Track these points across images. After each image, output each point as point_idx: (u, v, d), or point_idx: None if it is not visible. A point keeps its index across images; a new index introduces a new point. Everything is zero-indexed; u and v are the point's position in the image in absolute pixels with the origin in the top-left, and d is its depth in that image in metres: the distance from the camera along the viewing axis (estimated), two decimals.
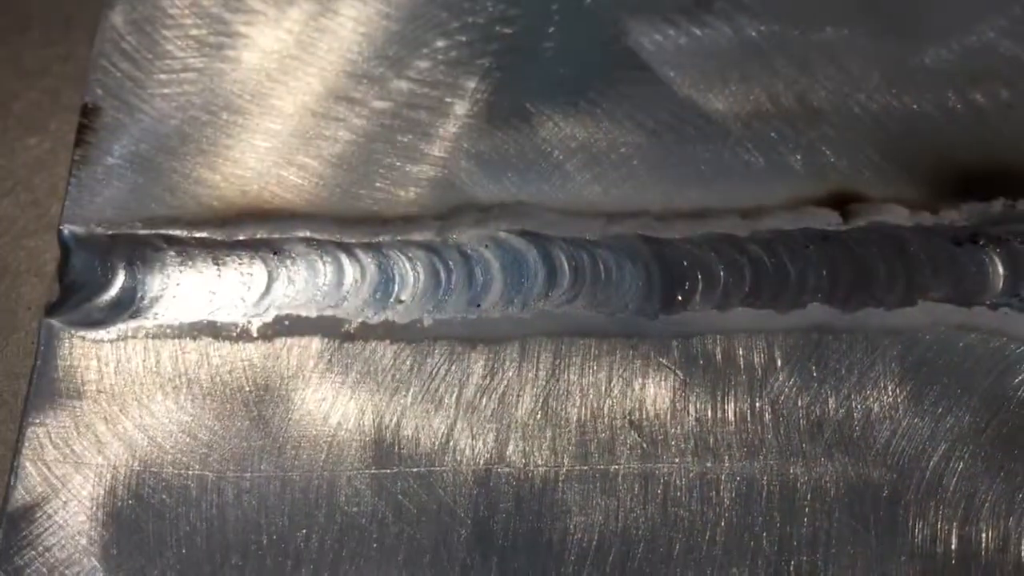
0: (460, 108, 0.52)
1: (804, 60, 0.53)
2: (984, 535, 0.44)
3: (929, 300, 0.48)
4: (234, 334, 0.48)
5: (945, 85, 0.52)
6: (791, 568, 0.44)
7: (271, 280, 0.48)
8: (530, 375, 0.47)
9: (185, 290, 0.48)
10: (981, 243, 0.49)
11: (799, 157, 0.51)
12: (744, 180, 0.50)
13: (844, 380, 0.47)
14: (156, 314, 0.48)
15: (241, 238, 0.49)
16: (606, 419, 0.47)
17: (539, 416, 0.46)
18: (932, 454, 0.45)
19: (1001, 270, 0.48)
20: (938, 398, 0.46)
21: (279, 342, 0.47)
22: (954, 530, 0.44)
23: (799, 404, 0.46)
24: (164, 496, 0.45)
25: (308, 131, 0.51)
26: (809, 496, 0.45)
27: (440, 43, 0.53)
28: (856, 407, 0.46)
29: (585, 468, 0.46)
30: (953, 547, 0.44)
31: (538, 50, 0.53)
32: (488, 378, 0.47)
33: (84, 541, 0.45)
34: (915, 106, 0.52)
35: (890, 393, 0.47)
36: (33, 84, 0.55)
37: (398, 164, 0.50)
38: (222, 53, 0.53)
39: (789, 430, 0.46)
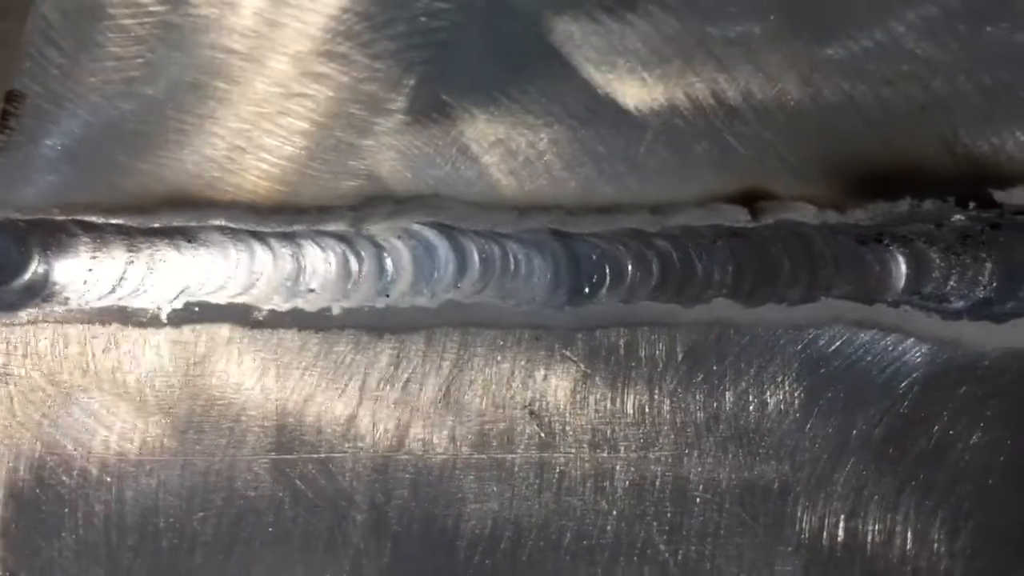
0: (384, 102, 0.53)
1: (721, 57, 0.53)
2: (870, 528, 0.45)
3: (831, 297, 0.49)
4: (143, 320, 0.48)
5: (859, 84, 0.52)
6: (679, 558, 0.44)
7: (183, 267, 0.49)
8: (434, 365, 0.48)
9: (97, 276, 0.49)
10: (885, 242, 0.49)
11: (711, 154, 0.52)
12: (657, 176, 0.51)
13: (742, 374, 0.48)
14: (67, 299, 0.49)
15: (156, 225, 0.49)
16: (507, 409, 0.47)
17: (441, 405, 0.47)
18: (824, 449, 0.46)
19: (904, 269, 0.49)
20: (833, 394, 0.47)
21: (188, 329, 0.48)
22: (841, 523, 0.45)
23: (696, 397, 0.47)
24: (65, 478, 0.46)
25: (232, 123, 0.52)
26: (701, 487, 0.46)
27: (368, 36, 0.54)
28: (752, 401, 0.47)
29: (483, 457, 0.46)
30: (839, 539, 0.45)
31: (460, 45, 0.54)
32: (393, 367, 0.48)
33: None
34: (828, 105, 0.52)
35: (787, 388, 0.47)
36: None
37: (319, 155, 0.51)
38: (152, 45, 0.54)
39: (685, 423, 0.47)
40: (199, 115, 0.52)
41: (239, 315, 0.49)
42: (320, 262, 0.49)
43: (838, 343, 0.48)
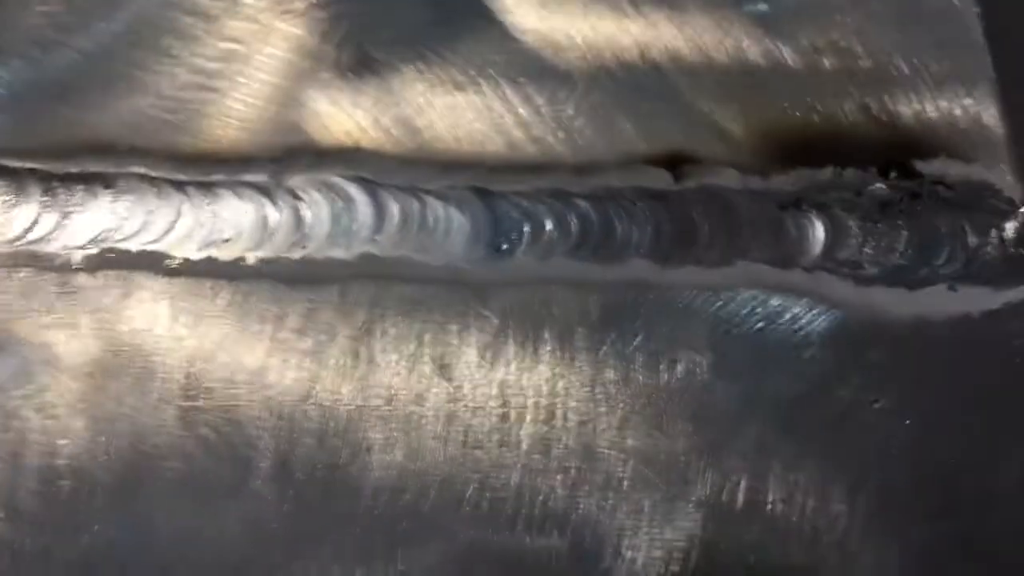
0: (314, 55, 0.52)
1: (650, 18, 0.53)
2: (771, 488, 0.45)
3: (748, 261, 0.49)
4: (56, 264, 0.48)
5: (787, 51, 0.52)
6: (579, 509, 0.45)
7: (99, 214, 0.48)
8: (347, 317, 0.48)
9: (11, 219, 0.48)
10: (804, 208, 0.50)
11: (638, 116, 0.52)
12: (582, 137, 0.51)
13: (654, 335, 0.48)
14: None
15: (74, 171, 0.49)
16: (417, 363, 0.47)
17: (352, 357, 0.47)
18: (730, 410, 0.46)
19: (821, 235, 0.49)
20: (743, 357, 0.47)
21: (100, 275, 0.48)
22: (743, 482, 0.45)
23: (608, 357, 0.47)
24: None
25: (159, 71, 0.52)
26: (606, 444, 0.46)
27: None
28: (663, 361, 0.47)
29: (390, 408, 0.46)
30: (740, 498, 0.45)
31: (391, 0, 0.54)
32: (305, 318, 0.48)
33: None
34: (756, 70, 0.52)
35: (697, 349, 0.48)
36: None
37: (238, 105, 0.51)
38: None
39: (595, 380, 0.47)
40: (128, 64, 0.52)
41: (152, 262, 0.48)
42: (237, 211, 0.49)
43: (751, 306, 0.48)
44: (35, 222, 0.49)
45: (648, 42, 0.53)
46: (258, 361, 0.47)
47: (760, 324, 0.49)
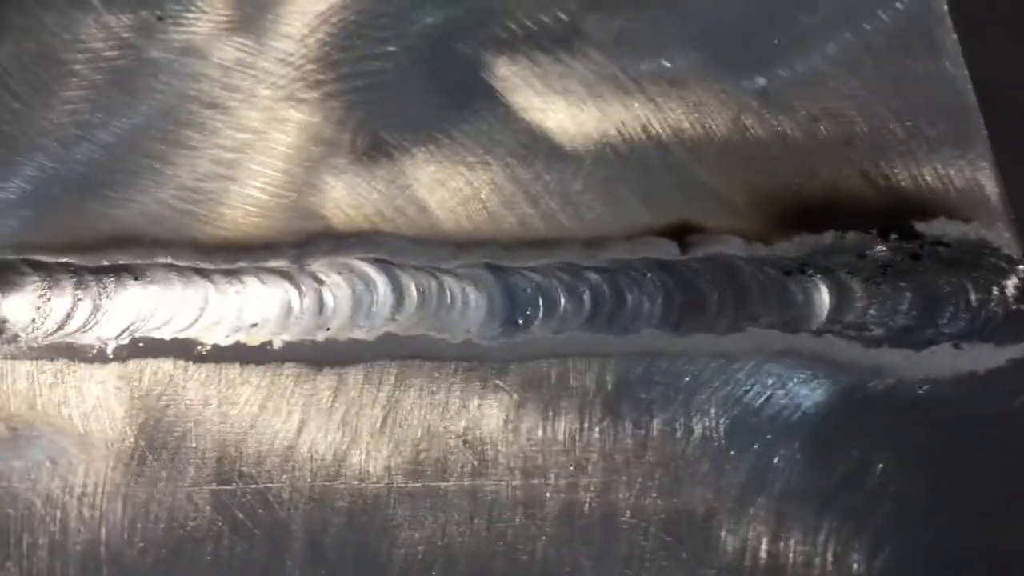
0: (330, 142, 0.54)
1: (653, 94, 0.55)
2: (791, 551, 0.46)
3: (757, 327, 0.50)
4: (90, 355, 0.50)
5: (785, 120, 0.54)
6: None
7: (130, 304, 0.50)
8: (371, 396, 0.49)
9: (45, 313, 0.50)
10: (809, 273, 0.51)
11: (643, 189, 0.53)
12: (590, 211, 0.53)
13: (670, 403, 0.49)
14: (16, 336, 0.50)
15: (104, 263, 0.51)
16: (441, 438, 0.49)
17: (377, 435, 0.49)
18: (747, 474, 0.47)
19: (827, 298, 0.50)
20: (757, 421, 0.49)
21: (133, 364, 0.49)
22: (763, 545, 0.46)
23: (625, 426, 0.49)
24: (10, 510, 0.47)
25: (181, 164, 0.53)
26: (628, 513, 0.47)
27: (320, 77, 0.55)
28: (679, 429, 0.49)
29: (417, 485, 0.48)
30: (762, 562, 0.46)
31: (399, 83, 0.55)
32: (332, 399, 0.49)
33: None
34: (756, 140, 0.54)
35: (712, 415, 0.49)
36: None
37: (257, 193, 0.52)
38: (105, 91, 0.55)
39: (614, 451, 0.48)
40: (150, 157, 0.54)
41: (183, 349, 0.50)
42: (262, 298, 0.51)
43: (762, 371, 0.50)
44: (69, 315, 0.50)
45: (651, 118, 0.55)
46: (288, 442, 0.49)
47: (772, 388, 0.50)
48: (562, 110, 0.54)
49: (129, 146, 0.53)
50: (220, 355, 0.50)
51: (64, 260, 0.51)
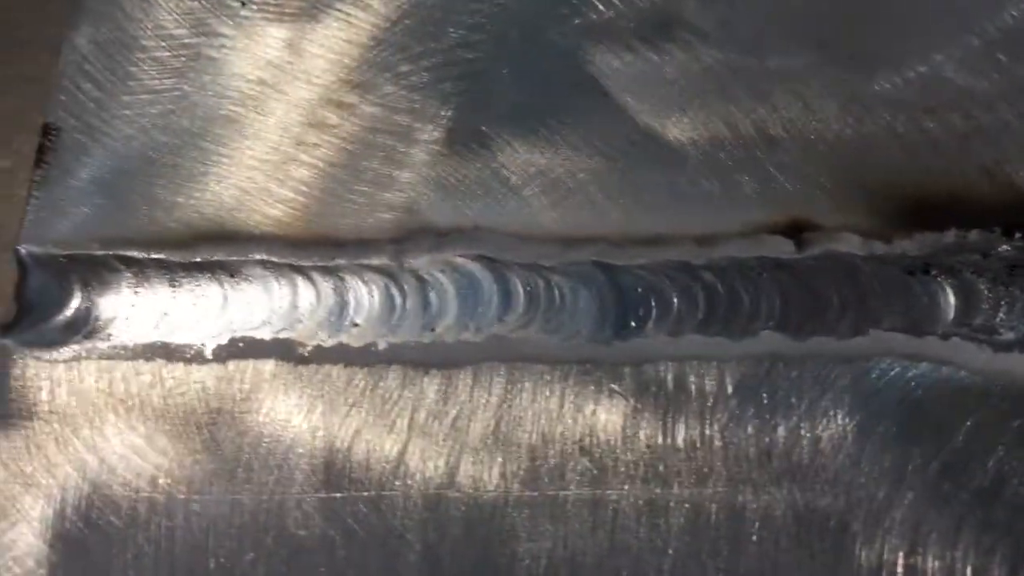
0: (421, 133, 0.52)
1: (762, 88, 0.53)
2: (929, 565, 0.44)
3: (880, 330, 0.48)
4: (188, 356, 0.48)
5: (901, 114, 0.52)
6: None
7: (226, 302, 0.48)
8: (482, 400, 0.47)
9: (140, 311, 0.48)
10: (933, 273, 0.49)
11: (755, 185, 0.51)
12: (700, 207, 0.51)
13: (794, 409, 0.47)
14: (110, 335, 0.48)
15: (197, 260, 0.49)
16: (557, 445, 0.47)
17: (490, 441, 0.47)
18: (880, 483, 0.46)
19: (952, 300, 0.49)
20: (886, 428, 0.47)
21: (232, 364, 0.48)
22: (900, 559, 0.45)
23: (748, 432, 0.47)
24: (113, 518, 0.45)
25: (267, 155, 0.52)
26: (757, 524, 0.45)
27: (404, 68, 0.53)
28: (805, 436, 0.47)
29: (535, 494, 0.46)
30: (899, 574, 0.44)
31: (498, 76, 0.54)
32: (440, 403, 0.47)
33: (32, 563, 0.45)
34: (870, 135, 0.52)
35: (839, 422, 0.47)
36: None
37: (356, 188, 0.51)
38: (187, 77, 0.54)
39: (738, 458, 0.46)
40: (234, 147, 0.52)
41: (283, 350, 0.48)
42: (364, 296, 0.49)
43: (889, 376, 0.48)
44: (165, 313, 0.49)
45: (760, 111, 0.53)
46: (397, 448, 0.47)
47: (901, 394, 0.48)
48: (665, 102, 0.53)
49: (213, 135, 0.51)
50: (323, 356, 0.48)
51: (156, 256, 0.49)
